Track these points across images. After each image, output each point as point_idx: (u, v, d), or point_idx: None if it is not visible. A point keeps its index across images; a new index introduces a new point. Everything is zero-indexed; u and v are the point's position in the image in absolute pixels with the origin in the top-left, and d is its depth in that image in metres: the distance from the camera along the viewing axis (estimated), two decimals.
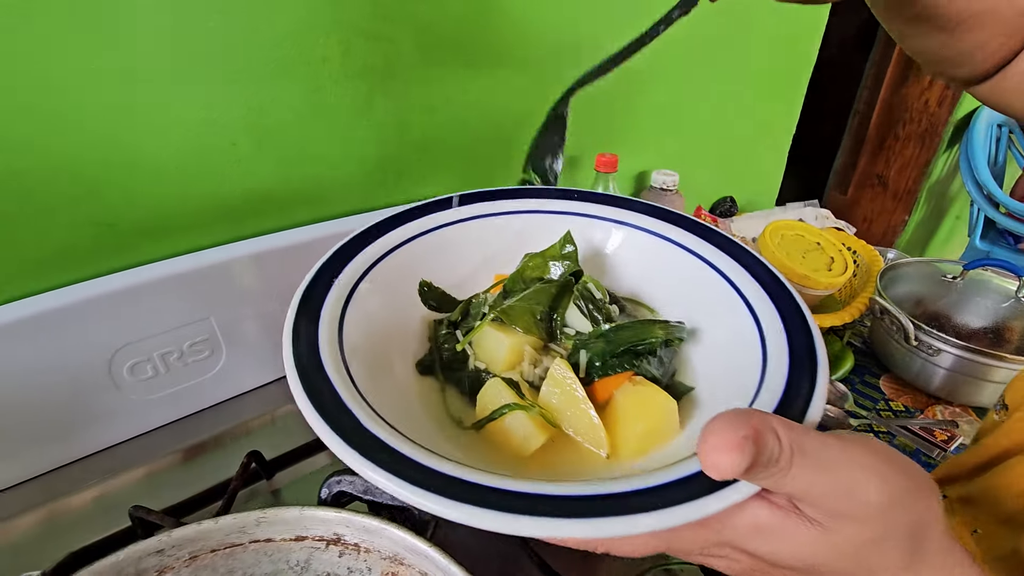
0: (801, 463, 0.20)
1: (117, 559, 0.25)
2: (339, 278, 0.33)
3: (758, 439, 0.19)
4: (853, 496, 0.20)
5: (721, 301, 0.34)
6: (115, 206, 0.51)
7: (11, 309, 0.48)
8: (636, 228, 0.40)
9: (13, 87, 0.44)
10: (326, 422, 0.23)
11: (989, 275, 0.77)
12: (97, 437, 0.55)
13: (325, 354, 0.27)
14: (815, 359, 0.27)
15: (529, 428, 0.29)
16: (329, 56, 0.57)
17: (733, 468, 0.19)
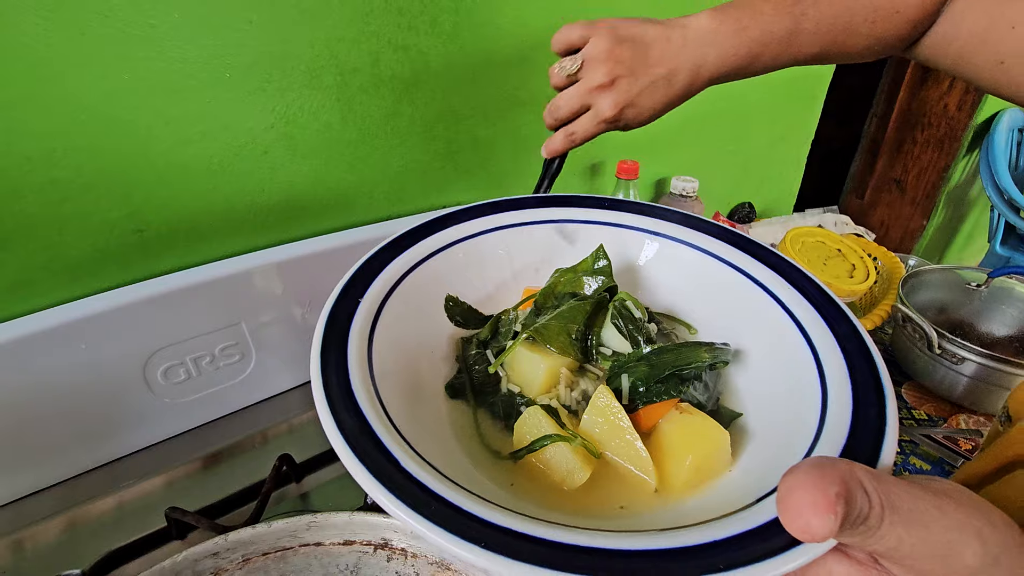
0: (891, 520, 0.18)
1: (175, 561, 0.25)
2: (365, 297, 0.31)
3: (849, 497, 0.17)
4: (948, 559, 0.18)
5: (766, 319, 0.32)
6: (147, 213, 0.53)
7: (50, 315, 0.49)
8: (671, 239, 0.39)
9: (52, 99, 0.45)
10: (368, 469, 0.21)
11: (1013, 283, 0.77)
12: (131, 439, 0.57)
13: (357, 384, 0.25)
14: (881, 388, 0.24)
15: (573, 462, 0.27)
16: (359, 66, 0.58)
17: (827, 531, 0.17)
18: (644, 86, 0.41)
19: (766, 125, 1.06)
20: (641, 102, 0.41)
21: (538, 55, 0.70)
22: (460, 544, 0.19)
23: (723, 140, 1.00)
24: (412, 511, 0.20)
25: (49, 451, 0.52)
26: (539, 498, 0.26)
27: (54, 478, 0.53)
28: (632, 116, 0.42)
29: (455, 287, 0.36)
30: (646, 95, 0.41)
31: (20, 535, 0.48)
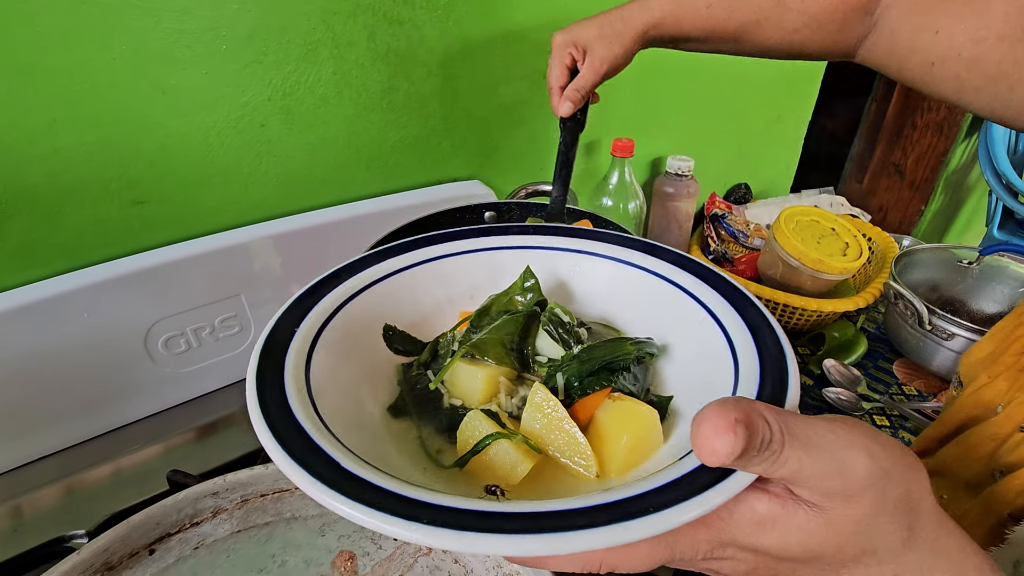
0: (792, 444, 0.20)
1: (176, 500, 0.26)
2: (300, 328, 0.31)
3: (750, 423, 0.19)
4: (844, 473, 0.20)
5: (686, 315, 0.35)
6: (146, 184, 0.53)
7: (52, 285, 0.50)
8: (595, 255, 0.41)
9: (52, 70, 0.46)
10: (305, 470, 0.22)
11: (1006, 261, 0.77)
12: (132, 409, 0.58)
13: (294, 402, 0.26)
14: (783, 355, 0.28)
15: (515, 456, 0.28)
16: (355, 40, 0.58)
17: (730, 451, 0.19)
18: (600, 31, 0.50)
19: (762, 106, 1.06)
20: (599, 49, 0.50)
21: (533, 31, 0.70)
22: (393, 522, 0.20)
23: (720, 120, 1.01)
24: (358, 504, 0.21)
25: (51, 419, 0.53)
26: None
27: (56, 446, 0.55)
28: (609, 56, 0.50)
29: (392, 317, 0.37)
30: (602, 43, 0.50)
31: (23, 499, 0.50)
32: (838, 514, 0.20)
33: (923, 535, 0.22)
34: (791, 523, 0.21)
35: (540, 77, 0.74)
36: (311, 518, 0.28)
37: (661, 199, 0.89)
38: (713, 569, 0.24)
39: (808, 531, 0.21)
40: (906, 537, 0.21)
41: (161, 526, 0.26)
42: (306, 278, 0.33)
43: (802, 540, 0.21)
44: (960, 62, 0.39)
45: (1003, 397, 0.38)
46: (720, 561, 0.23)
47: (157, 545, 0.26)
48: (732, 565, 0.23)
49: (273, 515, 0.28)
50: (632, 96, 0.86)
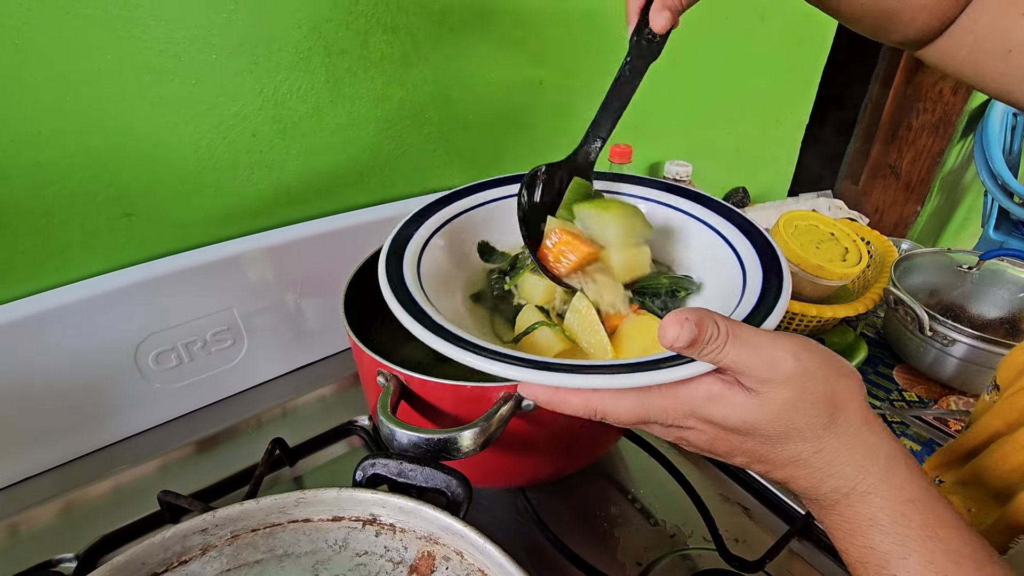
0: (734, 342, 0.26)
1: (164, 537, 0.25)
2: (417, 232, 0.43)
3: (700, 322, 0.25)
4: (774, 367, 0.26)
5: (719, 257, 0.42)
6: (135, 196, 0.52)
7: (39, 300, 0.49)
8: (655, 203, 0.49)
9: (37, 82, 0.44)
10: (413, 318, 0.34)
11: (1005, 265, 0.77)
12: (123, 425, 0.56)
13: (409, 279, 0.38)
14: (781, 289, 0.35)
15: (552, 339, 0.38)
16: (347, 47, 0.57)
17: (676, 337, 0.25)
18: None
19: (760, 110, 1.05)
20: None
21: (530, 36, 0.69)
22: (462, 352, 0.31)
23: (717, 125, 1.00)
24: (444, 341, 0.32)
25: (41, 437, 0.52)
26: None
27: (47, 464, 0.53)
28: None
29: (486, 235, 0.49)
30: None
31: (14, 519, 0.48)
32: (767, 397, 0.26)
33: (844, 425, 0.27)
34: (733, 400, 0.27)
35: (537, 84, 0.73)
36: (303, 555, 0.27)
37: None
38: (682, 438, 0.30)
39: (745, 407, 0.27)
40: (827, 423, 0.27)
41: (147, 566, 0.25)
42: (300, 290, 0.39)
43: (741, 415, 0.27)
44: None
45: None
46: (685, 431, 0.29)
47: None
48: (695, 435, 0.29)
49: (264, 552, 0.27)
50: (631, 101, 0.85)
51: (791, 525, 0.47)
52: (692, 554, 0.46)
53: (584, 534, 0.47)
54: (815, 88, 1.12)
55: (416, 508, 0.27)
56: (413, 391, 0.38)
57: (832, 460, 0.27)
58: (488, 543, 0.25)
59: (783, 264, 0.38)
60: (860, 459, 0.27)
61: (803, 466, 0.27)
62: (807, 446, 0.27)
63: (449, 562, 0.27)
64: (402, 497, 0.27)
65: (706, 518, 0.47)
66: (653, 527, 0.48)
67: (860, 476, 0.27)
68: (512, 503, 0.50)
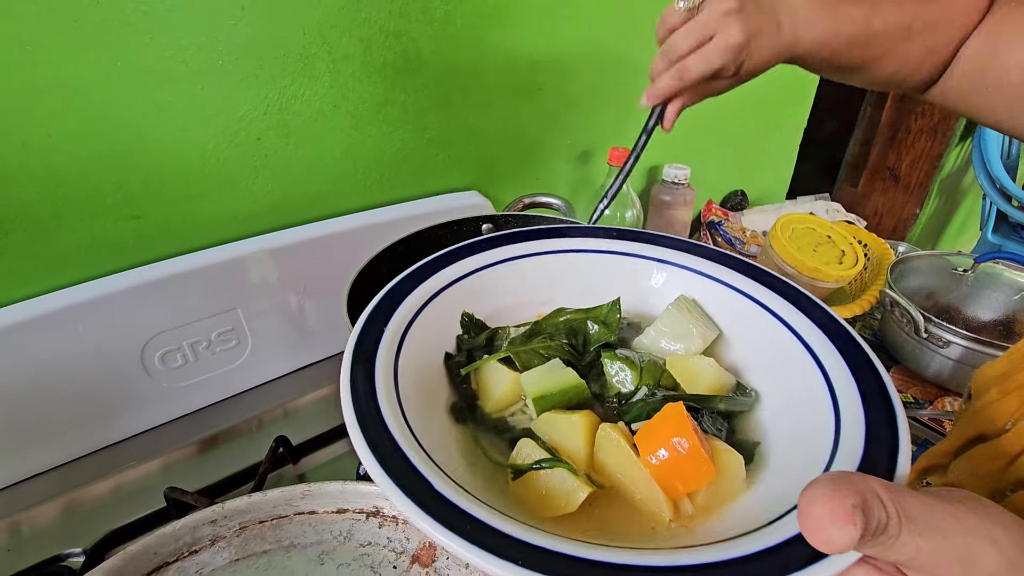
0: (909, 528, 0.18)
1: (175, 527, 0.26)
2: (389, 325, 0.30)
3: (866, 508, 0.18)
4: (967, 563, 0.19)
5: (781, 349, 0.31)
6: (142, 199, 0.53)
7: (48, 300, 0.50)
8: (684, 268, 0.38)
9: (47, 87, 0.45)
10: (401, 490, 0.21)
11: (1000, 268, 0.78)
12: (130, 424, 0.57)
13: (385, 407, 0.25)
14: (891, 404, 0.25)
15: (573, 484, 0.26)
16: (351, 53, 0.58)
17: (847, 541, 0.17)
18: (764, 23, 0.40)
19: (758, 113, 1.06)
20: (757, 44, 0.40)
21: (531, 42, 0.70)
22: (499, 564, 0.19)
23: (716, 128, 1.01)
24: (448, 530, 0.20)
25: (49, 435, 0.53)
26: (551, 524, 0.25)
27: (54, 461, 0.54)
28: (751, 53, 0.41)
29: (474, 310, 0.37)
30: (762, 37, 0.40)
31: (21, 516, 0.49)
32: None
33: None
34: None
35: (537, 89, 0.74)
36: (309, 546, 0.28)
37: (658, 207, 0.89)
38: None
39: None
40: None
41: (159, 556, 0.26)
42: (303, 291, 0.31)
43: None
44: (1012, 87, 0.36)
45: (1013, 415, 0.38)
46: None
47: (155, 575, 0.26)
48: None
49: (272, 543, 0.28)
50: (629, 104, 0.86)
51: None
52: None
53: None
54: (813, 92, 1.13)
55: None
56: None
57: None
58: None
59: (878, 366, 0.28)
60: None
61: None
62: None
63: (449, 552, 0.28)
64: None
65: None
66: None
67: None
68: None
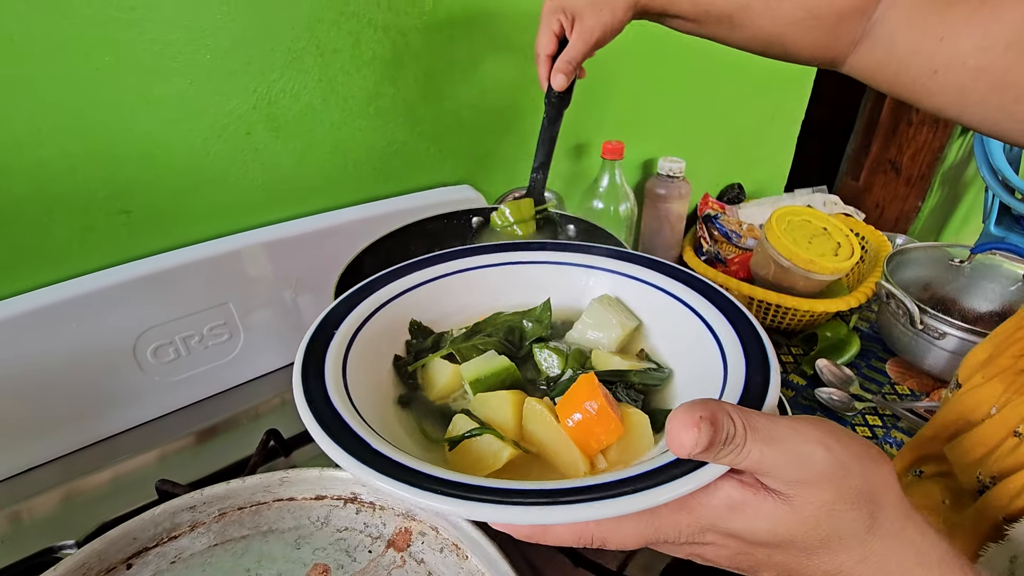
0: (754, 438, 0.22)
1: (154, 513, 0.27)
2: (338, 330, 0.35)
3: (714, 420, 0.21)
4: (804, 464, 0.22)
5: (690, 332, 0.36)
6: (133, 193, 0.53)
7: (40, 295, 0.50)
8: (606, 271, 0.43)
9: (37, 82, 0.46)
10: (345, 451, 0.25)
11: (998, 259, 0.77)
12: (122, 417, 0.58)
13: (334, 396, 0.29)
14: (767, 362, 0.30)
15: (498, 446, 0.30)
16: (339, 47, 0.58)
17: (694, 443, 0.21)
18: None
19: (755, 105, 1.05)
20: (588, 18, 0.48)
21: (520, 35, 0.70)
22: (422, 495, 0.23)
23: (712, 121, 1.01)
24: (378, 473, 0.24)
25: (41, 429, 0.53)
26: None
27: (46, 456, 0.55)
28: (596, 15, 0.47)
29: (421, 314, 0.41)
30: (592, 10, 0.48)
31: (16, 508, 0.50)
32: (800, 501, 0.22)
33: (887, 524, 0.23)
34: (760, 509, 0.23)
35: (527, 82, 0.74)
36: (287, 531, 0.28)
37: (653, 201, 0.89)
38: (697, 554, 0.25)
39: (775, 517, 0.23)
40: (869, 525, 0.23)
41: (139, 540, 0.26)
42: (295, 285, 0.34)
43: (771, 526, 0.23)
44: (965, 71, 0.37)
45: (998, 399, 0.38)
46: (702, 546, 0.25)
47: (135, 559, 0.27)
48: (714, 551, 0.25)
49: (250, 528, 0.28)
50: (622, 98, 0.86)
51: None
52: None
53: None
54: (810, 84, 1.12)
55: None
56: None
57: (879, 570, 0.23)
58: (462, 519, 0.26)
59: (759, 329, 0.33)
60: (911, 566, 0.23)
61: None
62: (850, 555, 0.23)
63: (425, 537, 0.28)
64: None
65: None
66: None
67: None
68: None
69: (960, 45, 0.37)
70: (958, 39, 0.37)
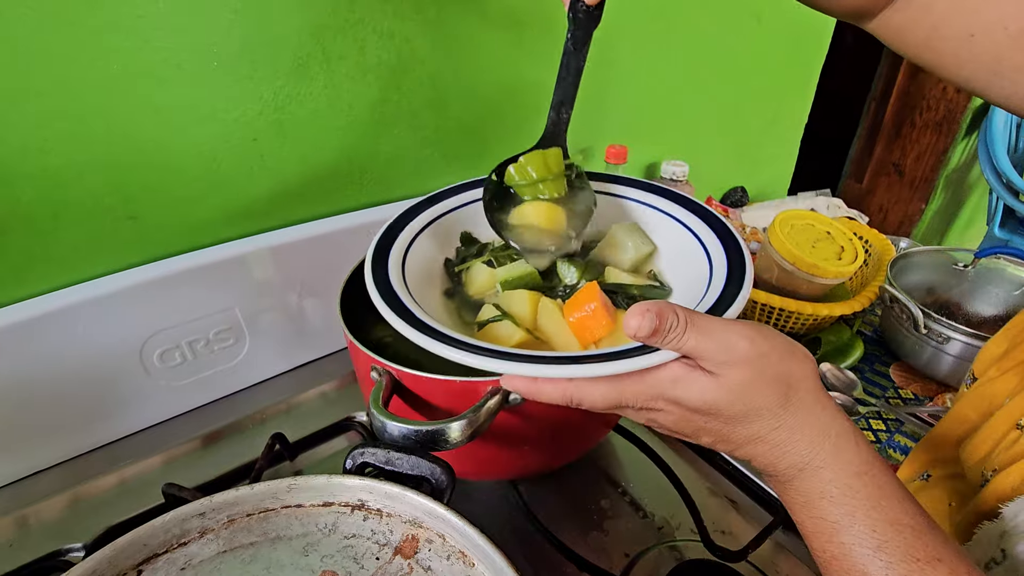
0: (692, 330, 0.28)
1: (164, 520, 0.27)
2: (401, 233, 0.45)
3: (660, 313, 0.28)
4: (730, 350, 0.28)
5: (691, 255, 0.43)
6: (140, 199, 0.54)
7: (47, 300, 0.51)
8: (636, 202, 0.50)
9: (45, 89, 0.46)
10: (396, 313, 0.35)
11: (1003, 263, 0.77)
12: (129, 421, 0.58)
13: (393, 277, 0.40)
14: (742, 283, 0.36)
15: (511, 329, 0.39)
16: (345, 54, 0.59)
17: (638, 326, 0.28)
18: None
19: (757, 109, 1.06)
20: None
21: (524, 41, 0.71)
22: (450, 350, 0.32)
23: (715, 124, 1.01)
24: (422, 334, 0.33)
25: (48, 432, 0.54)
26: None
27: (53, 459, 0.55)
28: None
29: (473, 227, 0.51)
30: None
31: (23, 512, 0.50)
32: (725, 379, 0.28)
33: (799, 403, 0.29)
34: (695, 382, 0.29)
35: (532, 86, 0.74)
36: (295, 538, 0.29)
37: None
38: (652, 420, 0.32)
39: (705, 388, 0.29)
40: (783, 402, 0.29)
41: (148, 547, 0.27)
42: (300, 290, 0.40)
43: (701, 395, 0.29)
44: (1005, 36, 0.35)
45: (1012, 392, 0.38)
46: (655, 412, 0.31)
47: (144, 566, 0.27)
48: (664, 416, 0.31)
49: (258, 535, 0.28)
50: (625, 102, 0.86)
51: (775, 516, 0.48)
52: (679, 545, 0.47)
53: (574, 526, 0.48)
54: (813, 87, 1.12)
55: (402, 494, 0.28)
56: (405, 386, 0.40)
57: (788, 438, 0.29)
58: (469, 526, 0.26)
59: (746, 257, 0.39)
60: (814, 436, 0.29)
61: (762, 443, 0.29)
62: (765, 424, 0.29)
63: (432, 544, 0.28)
64: (389, 483, 0.29)
65: (692, 511, 0.48)
66: (642, 520, 0.49)
67: (813, 452, 0.29)
68: (504, 497, 0.51)
69: (1003, 7, 0.35)
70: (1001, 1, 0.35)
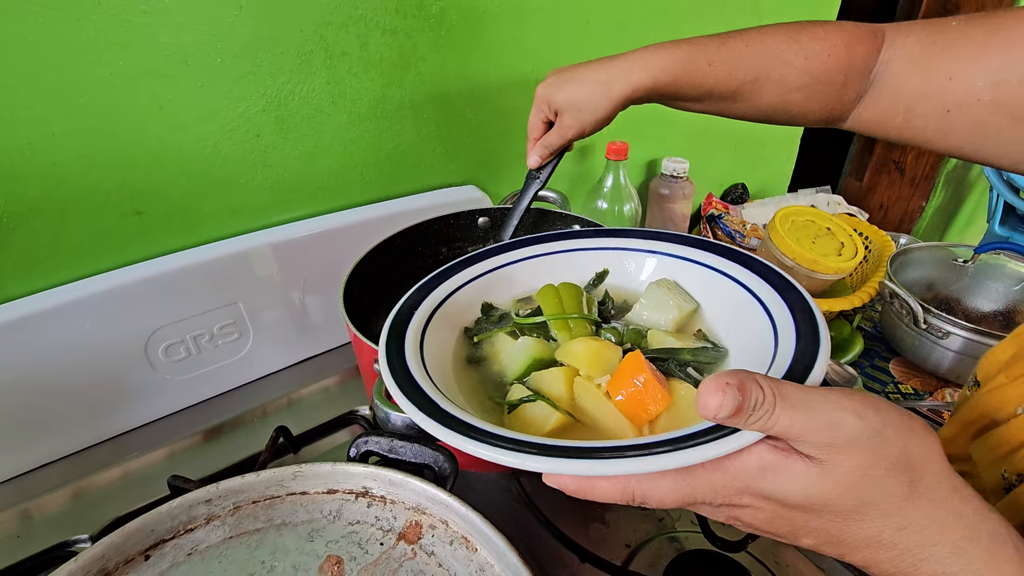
0: (783, 405, 0.23)
1: (171, 507, 0.27)
2: (418, 309, 0.39)
3: (742, 387, 0.22)
4: (832, 430, 0.22)
5: (745, 311, 0.37)
6: (145, 195, 0.54)
7: (54, 295, 0.51)
8: (671, 256, 0.45)
9: (51, 86, 0.47)
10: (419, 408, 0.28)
11: (1003, 259, 0.77)
12: (134, 415, 0.59)
13: (411, 359, 0.33)
14: (818, 336, 0.30)
15: (547, 411, 0.33)
16: (348, 50, 0.59)
17: (719, 406, 0.22)
18: (575, 97, 0.49)
19: None
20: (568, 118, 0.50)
21: (526, 35, 0.71)
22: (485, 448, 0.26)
23: (715, 121, 1.01)
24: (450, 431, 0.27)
25: (55, 426, 0.54)
26: None
27: (60, 452, 0.56)
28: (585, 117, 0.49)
29: (494, 296, 0.46)
30: (573, 112, 0.49)
31: (30, 504, 0.51)
32: (832, 465, 0.23)
33: (929, 493, 0.23)
34: (791, 471, 0.23)
35: (532, 83, 0.74)
36: (300, 524, 0.29)
37: (657, 201, 0.89)
38: (735, 517, 0.26)
39: (806, 479, 0.23)
40: (908, 492, 0.23)
41: (156, 532, 0.27)
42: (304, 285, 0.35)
43: (801, 488, 0.23)
44: (980, 106, 0.37)
45: (1023, 400, 0.38)
46: (739, 509, 0.25)
47: (152, 551, 0.27)
48: (751, 513, 0.25)
49: (264, 521, 0.29)
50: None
51: None
52: (679, 536, 0.47)
53: (575, 518, 0.49)
54: None
55: (405, 481, 0.29)
56: None
57: (921, 540, 0.23)
58: (471, 512, 0.27)
59: (811, 304, 0.34)
60: (957, 539, 0.23)
61: (887, 547, 0.24)
62: (888, 522, 0.23)
63: (435, 530, 0.29)
64: (392, 471, 0.29)
65: None
66: (643, 511, 0.50)
67: (960, 560, 0.23)
68: (506, 488, 0.52)
69: (973, 82, 0.37)
70: (969, 76, 0.37)
